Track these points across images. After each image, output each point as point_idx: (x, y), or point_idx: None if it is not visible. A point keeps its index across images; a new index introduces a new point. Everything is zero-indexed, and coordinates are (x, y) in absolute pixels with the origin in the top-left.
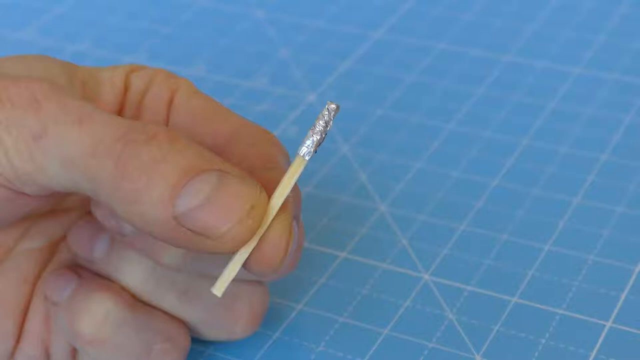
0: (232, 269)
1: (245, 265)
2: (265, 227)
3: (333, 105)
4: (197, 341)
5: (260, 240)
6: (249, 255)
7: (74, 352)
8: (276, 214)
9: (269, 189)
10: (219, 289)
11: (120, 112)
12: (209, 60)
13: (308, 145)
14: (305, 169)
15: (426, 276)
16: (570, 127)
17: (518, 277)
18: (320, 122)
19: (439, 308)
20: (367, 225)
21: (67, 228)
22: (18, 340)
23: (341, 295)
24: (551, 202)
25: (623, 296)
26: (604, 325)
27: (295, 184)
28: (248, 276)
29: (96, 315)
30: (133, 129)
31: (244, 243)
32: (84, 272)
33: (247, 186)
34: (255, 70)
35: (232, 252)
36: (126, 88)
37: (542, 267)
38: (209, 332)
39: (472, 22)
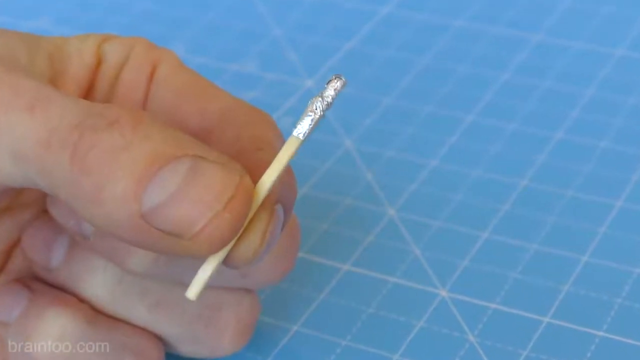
0: (209, 266)
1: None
2: (250, 217)
3: (341, 80)
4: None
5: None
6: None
7: None
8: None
9: (260, 172)
10: (193, 291)
11: (90, 90)
12: (190, 40)
13: (303, 125)
14: (303, 166)
15: (443, 292)
16: (610, 119)
17: (550, 293)
18: (322, 97)
19: (459, 329)
20: (373, 233)
21: (23, 228)
22: None
23: (344, 315)
24: (589, 205)
25: None
26: None
27: (290, 168)
28: (233, 282)
29: (50, 333)
30: (91, 114)
31: (223, 242)
32: (36, 285)
33: (225, 172)
34: (244, 52)
35: (211, 254)
36: (99, 61)
37: (579, 282)
38: (188, 348)
39: None
